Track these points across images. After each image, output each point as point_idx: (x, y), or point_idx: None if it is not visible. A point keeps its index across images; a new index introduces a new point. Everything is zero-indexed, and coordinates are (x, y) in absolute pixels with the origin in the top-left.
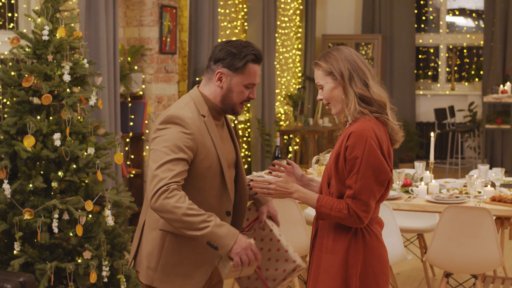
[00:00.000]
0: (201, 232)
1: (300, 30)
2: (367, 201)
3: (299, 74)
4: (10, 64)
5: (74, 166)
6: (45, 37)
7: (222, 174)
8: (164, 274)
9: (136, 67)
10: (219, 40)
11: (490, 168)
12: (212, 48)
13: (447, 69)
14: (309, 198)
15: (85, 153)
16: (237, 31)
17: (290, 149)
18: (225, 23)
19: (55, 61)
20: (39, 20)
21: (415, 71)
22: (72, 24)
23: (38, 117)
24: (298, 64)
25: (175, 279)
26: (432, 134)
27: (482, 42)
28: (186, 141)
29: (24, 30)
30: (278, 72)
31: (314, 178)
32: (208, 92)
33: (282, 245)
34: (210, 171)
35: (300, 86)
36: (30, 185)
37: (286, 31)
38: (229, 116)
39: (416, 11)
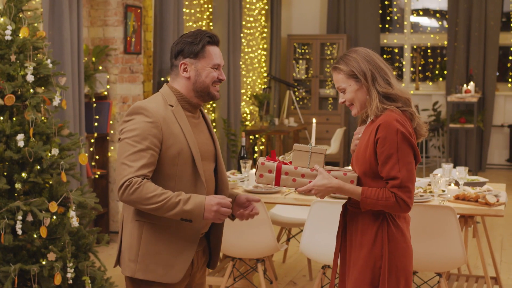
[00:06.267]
0: (170, 213)
1: (265, 30)
2: (411, 187)
3: (265, 74)
4: None
5: (38, 167)
6: (8, 37)
7: (194, 162)
8: (145, 265)
9: (100, 67)
10: None
11: (454, 167)
12: (171, 48)
13: (412, 69)
14: (352, 191)
15: (49, 154)
16: None
17: (256, 149)
18: (190, 23)
19: (18, 61)
20: (1, 19)
21: None
22: (36, 24)
23: (1, 118)
24: (264, 64)
25: (156, 269)
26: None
27: (445, 42)
28: (150, 130)
29: None
30: (243, 72)
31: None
32: (178, 86)
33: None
34: (180, 159)
35: (265, 86)
36: None
37: (251, 31)
38: None
39: (380, 12)
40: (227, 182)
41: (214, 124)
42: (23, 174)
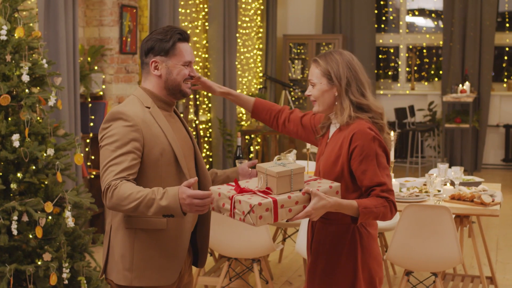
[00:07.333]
0: (151, 211)
1: (261, 30)
2: (393, 190)
3: (260, 74)
4: None
5: (34, 167)
6: (3, 37)
7: (177, 161)
8: (140, 272)
9: (96, 67)
10: None
11: (450, 167)
12: (140, 46)
13: (407, 69)
14: (348, 206)
15: (45, 154)
16: (198, 31)
17: (252, 149)
18: (186, 23)
19: (13, 61)
20: None
21: (376, 71)
22: (31, 24)
23: None
24: (260, 64)
25: (151, 274)
26: (392, 133)
27: (441, 42)
28: (131, 134)
29: None
30: (239, 72)
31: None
32: (150, 85)
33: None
34: (164, 159)
35: (261, 86)
36: None
37: (247, 31)
38: (190, 116)
39: (376, 12)
40: (209, 177)
41: (210, 124)
42: (19, 174)
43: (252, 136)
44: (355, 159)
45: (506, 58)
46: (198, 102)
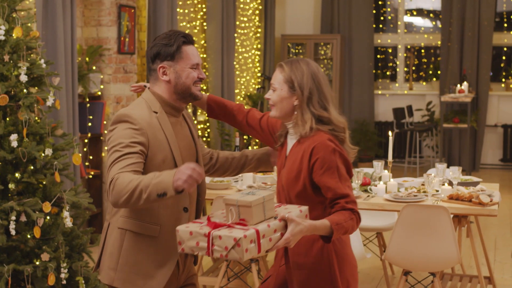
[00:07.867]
0: (148, 192)
1: (259, 30)
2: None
3: (259, 74)
4: None
5: (32, 167)
6: (1, 37)
7: None
8: (124, 274)
9: (94, 67)
10: None
11: (448, 167)
12: (146, 53)
13: (405, 69)
14: (321, 227)
15: (43, 154)
16: (196, 31)
17: (250, 149)
18: (184, 23)
19: (11, 61)
20: None
21: (374, 71)
22: (29, 24)
23: None
24: (258, 64)
25: (136, 279)
26: (390, 133)
27: (439, 42)
28: (135, 136)
29: None
30: (237, 72)
31: None
32: (159, 90)
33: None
34: (165, 166)
35: (259, 86)
36: None
37: (245, 31)
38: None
39: (374, 11)
40: (205, 187)
41: (208, 124)
42: (17, 174)
43: (250, 136)
44: (317, 172)
45: (504, 58)
46: None
